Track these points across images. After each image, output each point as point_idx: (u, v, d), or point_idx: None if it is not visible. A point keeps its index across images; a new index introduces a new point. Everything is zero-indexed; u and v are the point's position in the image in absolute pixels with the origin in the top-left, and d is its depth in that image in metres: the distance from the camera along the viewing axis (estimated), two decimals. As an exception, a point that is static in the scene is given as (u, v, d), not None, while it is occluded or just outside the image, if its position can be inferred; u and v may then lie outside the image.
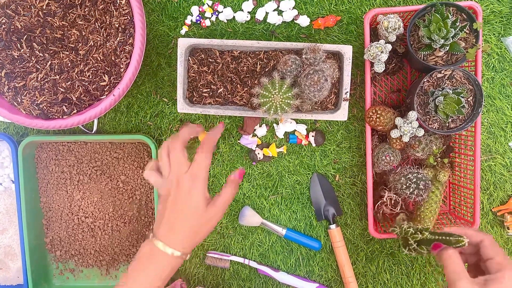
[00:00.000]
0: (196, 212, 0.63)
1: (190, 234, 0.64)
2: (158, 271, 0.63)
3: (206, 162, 0.65)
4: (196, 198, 0.63)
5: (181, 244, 0.63)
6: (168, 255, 0.62)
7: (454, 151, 0.89)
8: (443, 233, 0.61)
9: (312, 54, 0.77)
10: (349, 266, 0.92)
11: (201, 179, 0.63)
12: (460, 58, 0.78)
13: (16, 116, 0.80)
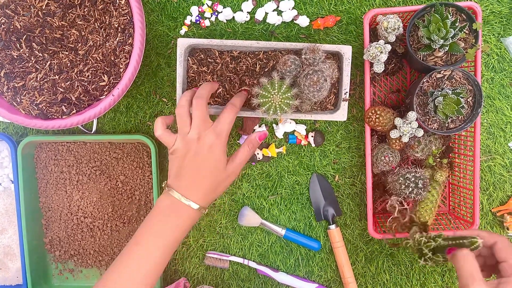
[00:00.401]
0: (218, 168, 0.66)
1: (211, 189, 0.66)
2: (180, 223, 0.64)
3: (231, 117, 0.67)
4: (218, 154, 0.65)
5: (202, 198, 0.65)
6: (190, 207, 0.64)
7: (453, 152, 0.89)
8: (456, 237, 0.59)
9: (311, 54, 0.77)
10: (348, 266, 0.92)
11: (223, 136, 0.66)
12: (460, 58, 0.78)
13: (15, 116, 0.80)
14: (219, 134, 0.66)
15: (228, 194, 0.94)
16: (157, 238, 0.64)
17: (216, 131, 0.66)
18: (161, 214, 0.65)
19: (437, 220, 0.89)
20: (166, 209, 0.65)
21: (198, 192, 0.65)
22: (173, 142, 0.68)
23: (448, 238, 0.60)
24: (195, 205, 0.65)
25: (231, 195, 0.94)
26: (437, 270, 0.94)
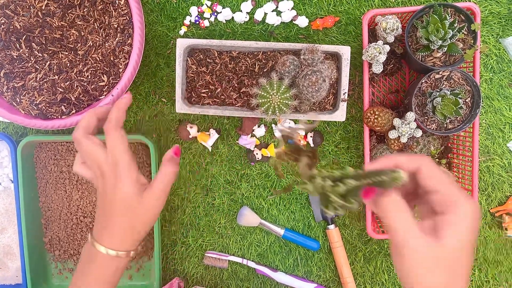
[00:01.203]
0: (128, 205, 0.53)
1: (127, 230, 0.54)
2: (99, 274, 0.55)
3: (121, 141, 0.53)
4: (124, 189, 0.53)
5: (118, 242, 0.55)
6: (106, 255, 0.54)
7: (452, 152, 0.89)
8: (371, 173, 0.43)
9: (310, 54, 0.77)
10: (347, 266, 0.92)
11: (124, 165, 0.53)
12: (458, 59, 0.79)
13: (15, 116, 0.80)
14: (116, 166, 0.53)
15: (227, 194, 0.94)
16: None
17: (113, 164, 0.53)
18: (81, 267, 0.57)
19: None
20: (85, 258, 0.57)
21: (112, 236, 0.54)
22: (90, 179, 0.57)
23: (359, 175, 0.44)
24: (110, 251, 0.54)
25: (230, 195, 0.94)
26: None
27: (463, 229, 0.41)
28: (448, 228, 0.41)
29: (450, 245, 0.41)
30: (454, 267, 0.41)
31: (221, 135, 0.92)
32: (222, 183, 0.94)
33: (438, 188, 0.43)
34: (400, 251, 0.42)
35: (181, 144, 0.93)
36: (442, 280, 0.41)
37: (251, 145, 0.92)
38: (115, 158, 0.53)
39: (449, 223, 0.41)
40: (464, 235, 0.41)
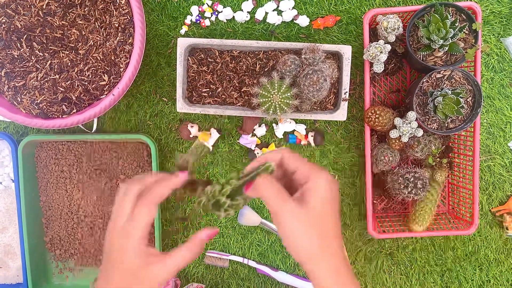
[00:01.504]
0: (130, 272, 0.51)
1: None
2: None
3: (146, 219, 0.52)
4: (129, 258, 0.51)
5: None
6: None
7: (453, 152, 0.89)
8: (248, 173, 0.51)
9: (311, 54, 0.77)
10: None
11: (136, 238, 0.51)
12: (459, 58, 0.79)
13: (16, 115, 0.80)
14: (129, 236, 0.52)
15: (228, 193, 0.94)
16: None
17: (126, 233, 0.52)
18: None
19: (436, 220, 0.89)
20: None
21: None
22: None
23: (240, 176, 0.52)
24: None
25: (231, 194, 0.94)
26: (437, 270, 0.94)
27: (322, 191, 0.48)
28: (309, 192, 0.48)
29: (314, 207, 0.47)
30: (322, 229, 0.48)
31: (222, 135, 0.92)
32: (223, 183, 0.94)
33: (297, 166, 0.51)
34: (277, 220, 0.48)
35: (182, 144, 0.93)
36: (314, 242, 0.47)
37: (252, 144, 0.92)
38: (132, 229, 0.51)
39: (309, 188, 0.48)
40: (324, 196, 0.48)
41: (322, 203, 0.48)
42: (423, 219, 0.84)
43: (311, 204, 0.48)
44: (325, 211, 0.48)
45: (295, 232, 0.48)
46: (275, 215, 0.48)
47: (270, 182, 0.49)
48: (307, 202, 0.48)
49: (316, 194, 0.48)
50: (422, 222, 0.84)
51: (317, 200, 0.48)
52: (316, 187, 0.48)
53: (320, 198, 0.48)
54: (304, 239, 0.47)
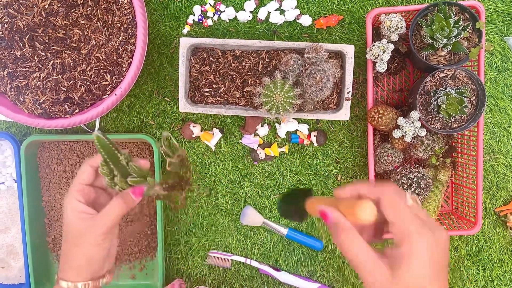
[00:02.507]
0: (71, 232, 0.55)
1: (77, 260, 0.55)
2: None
3: (82, 176, 0.57)
4: (69, 217, 0.55)
5: (71, 273, 0.55)
6: (61, 287, 0.55)
7: (456, 151, 0.88)
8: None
9: (314, 53, 0.76)
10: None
11: (70, 194, 0.56)
12: (463, 57, 0.78)
13: (18, 115, 0.80)
14: (67, 195, 0.57)
15: (230, 193, 0.94)
16: None
17: (67, 193, 0.57)
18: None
19: (439, 220, 0.89)
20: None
21: (69, 268, 0.56)
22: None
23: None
24: (62, 282, 0.55)
25: (233, 194, 0.94)
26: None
27: (417, 263, 0.40)
28: (401, 261, 0.40)
29: (403, 280, 0.40)
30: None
31: (224, 134, 0.92)
32: (225, 183, 0.94)
33: (394, 219, 0.42)
34: (364, 282, 0.42)
35: (184, 144, 0.93)
36: None
37: (254, 144, 0.92)
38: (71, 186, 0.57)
39: (402, 256, 0.40)
40: (418, 268, 0.40)
41: (416, 277, 0.40)
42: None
43: (401, 277, 0.40)
44: (417, 284, 0.40)
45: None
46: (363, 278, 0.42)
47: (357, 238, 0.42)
48: (396, 272, 0.40)
49: (409, 268, 0.40)
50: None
51: (409, 273, 0.40)
52: (411, 256, 0.40)
53: (415, 271, 0.40)
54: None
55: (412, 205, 0.42)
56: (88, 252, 0.55)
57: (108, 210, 0.55)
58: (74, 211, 0.55)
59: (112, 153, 0.53)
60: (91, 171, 0.58)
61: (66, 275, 0.56)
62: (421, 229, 0.40)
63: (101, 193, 0.60)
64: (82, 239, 0.55)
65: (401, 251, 0.40)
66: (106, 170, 0.55)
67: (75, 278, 0.55)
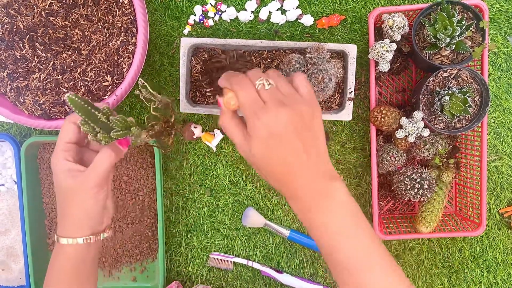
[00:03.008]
0: (65, 190, 0.56)
1: (73, 216, 0.56)
2: (61, 265, 0.57)
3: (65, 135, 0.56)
4: (58, 174, 0.56)
5: (71, 229, 0.56)
6: (62, 245, 0.56)
7: (460, 152, 0.88)
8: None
9: (316, 53, 0.76)
10: None
11: (55, 152, 0.56)
12: (466, 57, 0.78)
13: (18, 116, 0.80)
14: (54, 151, 0.57)
15: (231, 195, 0.93)
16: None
17: (54, 152, 0.57)
18: (49, 264, 0.59)
19: (443, 221, 0.88)
20: (52, 256, 0.59)
21: (64, 224, 0.57)
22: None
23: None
24: (60, 238, 0.56)
25: (235, 195, 0.93)
26: (444, 272, 0.93)
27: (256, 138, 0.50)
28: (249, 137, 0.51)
29: (252, 150, 0.51)
30: (262, 170, 0.52)
31: (226, 135, 0.92)
32: (226, 184, 0.93)
33: (240, 105, 0.52)
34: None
35: (185, 145, 0.93)
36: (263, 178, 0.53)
37: (256, 145, 0.91)
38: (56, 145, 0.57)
39: (248, 134, 0.51)
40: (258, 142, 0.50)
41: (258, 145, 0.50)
42: (430, 220, 0.83)
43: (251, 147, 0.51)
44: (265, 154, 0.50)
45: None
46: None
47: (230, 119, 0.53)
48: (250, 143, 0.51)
49: (252, 138, 0.50)
50: (429, 223, 0.83)
51: (254, 142, 0.50)
52: (251, 131, 0.50)
53: (256, 140, 0.50)
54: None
55: (273, 87, 0.52)
56: (84, 206, 0.56)
57: (97, 162, 0.56)
58: (64, 171, 0.56)
59: (89, 112, 0.53)
60: (74, 128, 0.58)
61: (65, 232, 0.56)
62: (255, 110, 0.50)
63: (85, 150, 0.60)
64: (76, 195, 0.55)
65: (247, 131, 0.51)
66: (88, 128, 0.55)
67: (75, 233, 0.56)
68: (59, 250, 0.57)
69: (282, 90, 0.52)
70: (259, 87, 0.51)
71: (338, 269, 0.52)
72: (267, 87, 0.51)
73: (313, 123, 0.52)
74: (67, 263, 0.56)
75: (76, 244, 0.56)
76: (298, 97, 0.52)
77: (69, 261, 0.56)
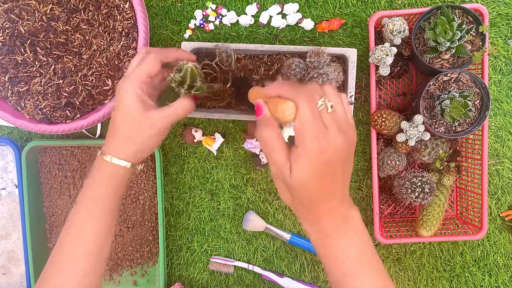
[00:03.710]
0: (130, 114, 0.59)
1: (126, 139, 0.60)
2: (104, 180, 0.60)
3: (147, 68, 0.60)
4: (128, 100, 0.58)
5: (121, 150, 0.60)
6: (110, 162, 0.60)
7: (461, 155, 0.88)
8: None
9: (316, 57, 0.76)
10: None
11: (131, 79, 0.59)
12: (467, 61, 0.78)
13: (19, 121, 0.80)
14: (126, 79, 0.60)
15: (232, 198, 0.93)
16: (94, 201, 0.61)
17: (125, 78, 0.60)
18: (89, 177, 0.62)
19: (444, 224, 0.88)
20: (93, 170, 0.62)
21: (115, 144, 0.60)
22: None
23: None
24: (113, 158, 0.59)
25: (236, 199, 0.93)
26: (445, 276, 0.93)
27: (304, 162, 0.47)
28: (296, 159, 0.48)
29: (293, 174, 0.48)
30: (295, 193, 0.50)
31: (226, 139, 0.92)
32: (227, 188, 0.93)
33: (297, 122, 0.49)
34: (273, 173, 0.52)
35: (185, 149, 0.93)
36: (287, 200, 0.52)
37: (256, 149, 0.91)
38: (129, 71, 0.60)
39: (298, 156, 0.48)
40: (305, 168, 0.47)
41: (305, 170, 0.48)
42: (431, 224, 0.83)
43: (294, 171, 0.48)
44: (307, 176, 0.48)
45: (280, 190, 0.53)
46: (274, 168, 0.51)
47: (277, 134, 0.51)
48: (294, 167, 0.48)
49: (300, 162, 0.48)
50: (430, 227, 0.83)
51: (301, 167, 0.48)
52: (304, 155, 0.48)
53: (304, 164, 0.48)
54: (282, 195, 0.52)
55: (332, 110, 0.49)
56: (134, 133, 0.59)
57: (179, 107, 0.61)
58: (138, 99, 0.59)
59: (193, 81, 0.61)
60: (159, 66, 0.61)
61: (109, 150, 0.60)
62: (317, 133, 0.47)
63: (152, 90, 0.63)
64: (130, 119, 0.59)
65: (297, 151, 0.48)
66: (178, 79, 0.61)
67: (117, 153, 0.60)
68: (105, 166, 0.60)
69: (339, 114, 0.50)
70: (321, 107, 0.49)
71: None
72: (329, 110, 0.49)
73: (353, 153, 0.52)
74: (111, 178, 0.60)
75: (122, 164, 0.60)
76: (350, 124, 0.51)
77: (113, 177, 0.60)
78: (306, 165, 0.47)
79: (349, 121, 0.51)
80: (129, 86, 0.59)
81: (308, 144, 0.47)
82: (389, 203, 0.91)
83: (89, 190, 0.61)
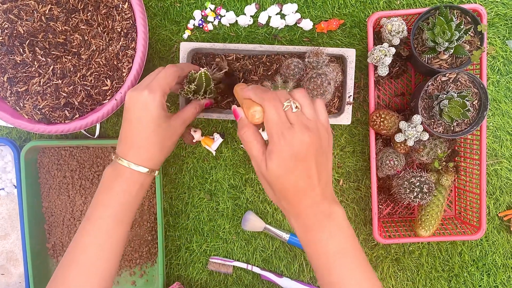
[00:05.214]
0: (159, 125, 0.62)
1: (156, 148, 0.63)
2: (124, 187, 0.62)
3: (167, 73, 0.64)
4: (155, 111, 0.62)
5: (146, 159, 0.62)
6: (134, 171, 0.62)
7: (459, 155, 0.88)
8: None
9: (315, 57, 0.76)
10: None
11: (158, 92, 0.62)
12: (465, 61, 0.78)
13: (18, 121, 0.80)
14: (152, 91, 0.62)
15: (231, 198, 0.93)
16: (104, 208, 0.62)
17: (150, 88, 0.62)
18: (106, 185, 0.63)
19: (443, 224, 0.88)
20: (111, 178, 0.63)
21: (140, 153, 0.62)
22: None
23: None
24: (139, 167, 0.62)
25: (234, 199, 0.93)
26: (444, 275, 0.93)
27: (276, 157, 0.52)
28: (269, 155, 0.53)
29: (269, 168, 0.53)
30: (273, 187, 0.55)
31: (225, 139, 0.92)
32: (226, 188, 0.93)
33: (265, 123, 0.55)
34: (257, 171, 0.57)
35: (184, 149, 0.93)
36: (270, 194, 0.57)
37: (255, 149, 0.91)
38: (155, 84, 0.63)
39: (269, 152, 0.53)
40: (277, 162, 0.52)
41: (277, 164, 0.53)
42: (430, 224, 0.83)
43: (269, 165, 0.53)
44: (280, 169, 0.53)
45: (263, 184, 0.57)
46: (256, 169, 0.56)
47: (256, 136, 0.56)
48: (268, 162, 0.53)
49: (272, 157, 0.53)
50: (429, 227, 0.83)
51: (273, 162, 0.53)
52: (274, 151, 0.53)
53: (276, 160, 0.53)
54: (267, 190, 0.57)
55: (299, 110, 0.55)
56: (164, 140, 0.64)
57: (187, 114, 0.69)
58: (161, 107, 0.62)
59: (209, 84, 0.70)
60: (176, 79, 0.66)
61: (133, 159, 0.62)
62: (282, 130, 0.52)
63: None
64: (159, 129, 0.62)
65: (269, 147, 0.53)
66: (193, 87, 0.68)
67: (144, 162, 0.63)
68: (127, 174, 0.62)
69: (307, 114, 0.55)
70: (286, 108, 0.54)
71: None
72: (294, 110, 0.54)
73: (328, 149, 0.56)
74: (133, 186, 0.62)
75: (145, 172, 0.63)
76: (319, 122, 0.55)
77: (135, 185, 0.62)
78: (276, 159, 0.52)
79: (319, 120, 0.56)
80: (156, 96, 0.62)
81: (275, 139, 0.52)
82: (388, 203, 0.92)
83: (109, 199, 0.62)
